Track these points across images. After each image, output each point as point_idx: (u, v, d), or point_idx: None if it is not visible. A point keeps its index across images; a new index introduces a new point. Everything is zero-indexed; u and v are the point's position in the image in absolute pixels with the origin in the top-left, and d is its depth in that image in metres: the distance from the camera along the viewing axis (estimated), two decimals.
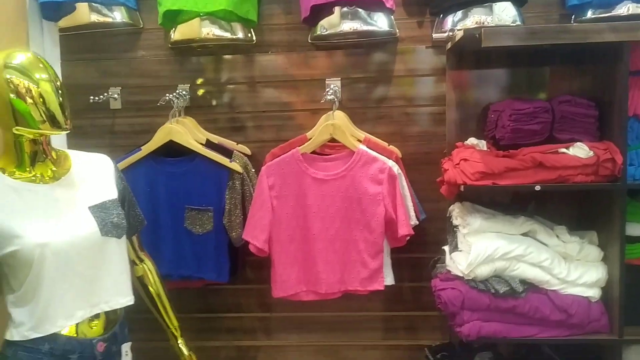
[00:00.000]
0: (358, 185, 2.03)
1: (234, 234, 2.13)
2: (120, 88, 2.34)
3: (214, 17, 2.14)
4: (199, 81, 2.32)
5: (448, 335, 2.23)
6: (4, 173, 1.50)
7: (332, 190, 2.05)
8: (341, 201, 2.05)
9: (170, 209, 2.16)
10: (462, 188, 1.85)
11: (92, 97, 2.24)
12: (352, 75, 2.25)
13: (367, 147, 2.08)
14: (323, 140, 2.06)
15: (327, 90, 2.14)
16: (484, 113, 2.12)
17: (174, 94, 2.20)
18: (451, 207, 2.06)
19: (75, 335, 1.50)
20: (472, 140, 2.04)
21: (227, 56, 2.31)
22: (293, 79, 2.28)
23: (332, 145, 2.14)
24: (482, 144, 2.01)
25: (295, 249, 2.06)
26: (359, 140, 2.11)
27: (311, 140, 2.07)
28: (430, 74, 2.24)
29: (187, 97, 2.28)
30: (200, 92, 2.33)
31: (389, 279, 2.09)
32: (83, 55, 2.34)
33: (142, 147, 2.16)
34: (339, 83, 2.23)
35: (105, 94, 2.30)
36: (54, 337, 1.46)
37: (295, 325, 2.37)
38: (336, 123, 2.05)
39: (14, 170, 1.51)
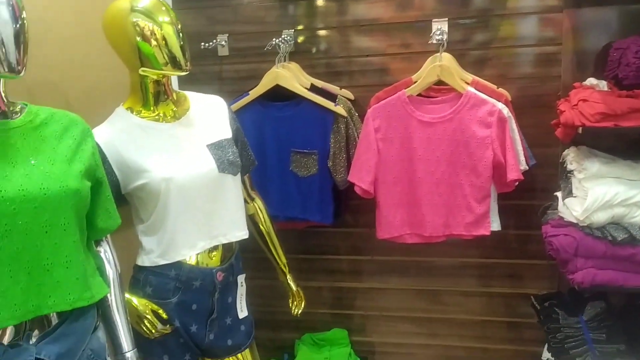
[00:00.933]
0: (465, 128, 1.98)
1: (338, 177, 2.16)
2: (227, 35, 2.40)
3: None
4: (300, 27, 2.33)
5: (556, 285, 2.17)
6: (131, 112, 1.60)
7: (438, 133, 2.01)
8: (447, 144, 2.01)
9: (276, 152, 2.23)
10: (579, 130, 1.75)
11: (202, 44, 2.31)
12: (459, 15, 2.17)
13: (476, 89, 2.01)
14: (430, 82, 2.02)
15: (434, 31, 2.07)
16: (604, 52, 1.97)
17: (280, 39, 2.23)
18: (566, 152, 1.96)
19: (197, 264, 1.61)
20: (591, 81, 1.92)
21: (331, 2, 2.29)
22: (398, 21, 2.23)
23: (438, 89, 2.09)
24: (603, 85, 1.89)
25: (401, 192, 2.06)
26: (467, 83, 2.05)
27: (417, 82, 2.04)
28: (544, 12, 2.11)
29: (292, 42, 2.30)
30: (301, 39, 2.33)
31: (495, 225, 2.05)
32: (193, 3, 2.41)
33: (250, 92, 2.22)
34: (445, 24, 2.15)
35: (214, 40, 2.37)
36: (179, 265, 1.58)
37: (396, 269, 2.39)
38: (444, 65, 2.00)
39: (140, 109, 1.61)
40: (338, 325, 2.45)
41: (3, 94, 1.15)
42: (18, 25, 1.09)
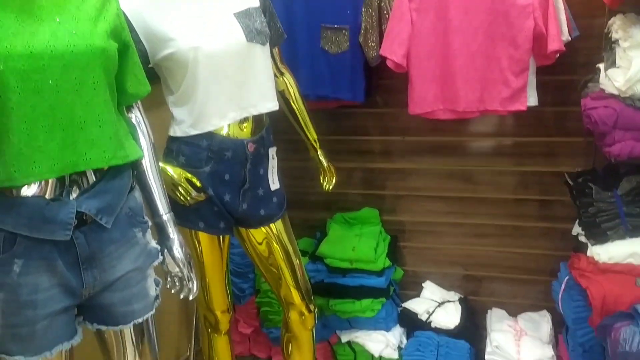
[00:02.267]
0: None
1: (370, 53, 2.10)
2: None
3: None
4: None
5: (591, 163, 2.13)
6: None
7: (475, 2, 1.90)
8: (485, 14, 1.90)
9: (306, 28, 2.16)
10: None
11: None
12: None
13: None
14: None
15: None
16: None
17: None
18: (611, 20, 1.84)
19: (228, 135, 1.63)
20: None
21: None
22: None
23: None
24: None
25: (434, 65, 1.99)
26: None
27: None
28: None
29: None
30: None
31: (532, 100, 1.99)
32: None
33: None
34: None
35: None
36: (210, 135, 1.60)
37: (428, 149, 2.38)
38: None
39: None
40: (369, 205, 2.49)
41: None
42: None
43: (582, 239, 1.97)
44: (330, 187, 2.05)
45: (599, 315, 1.83)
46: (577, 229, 2.04)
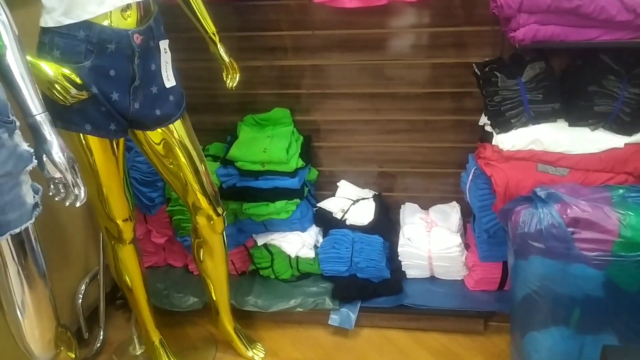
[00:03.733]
0: None
1: None
2: None
3: None
4: None
5: (499, 52, 2.11)
6: None
7: None
8: None
9: None
10: None
11: None
12: None
13: None
14: None
15: None
16: None
17: None
18: None
19: (110, 25, 1.45)
20: None
21: None
22: None
23: None
24: None
25: None
26: None
27: None
28: None
29: None
30: None
31: None
32: None
33: None
34: None
35: None
36: (88, 25, 1.42)
37: (338, 44, 2.27)
38: None
39: None
40: (280, 105, 2.40)
41: None
42: None
43: (488, 128, 1.99)
44: (234, 85, 1.94)
45: (502, 201, 1.89)
46: (483, 120, 2.06)
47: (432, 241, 2.26)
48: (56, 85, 1.41)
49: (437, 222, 2.34)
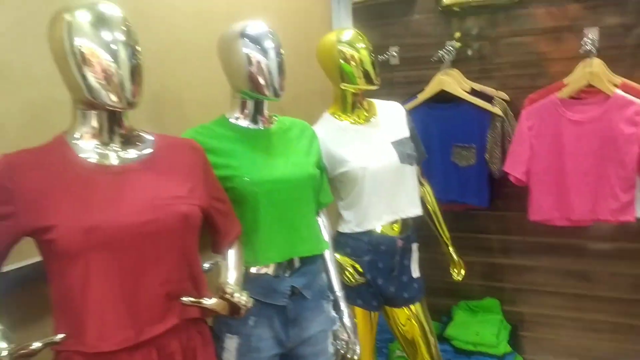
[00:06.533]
0: (614, 126, 2.24)
1: (493, 167, 2.54)
2: (398, 47, 2.87)
3: None
4: (457, 35, 2.70)
5: None
6: (335, 116, 2.13)
7: (587, 131, 2.30)
8: (595, 141, 2.29)
9: (440, 146, 2.66)
10: None
11: (379, 56, 2.80)
12: (610, 21, 2.40)
13: (624, 91, 2.26)
14: (580, 86, 2.31)
15: (585, 40, 2.34)
16: None
17: (444, 50, 2.65)
18: None
19: (382, 233, 2.10)
20: None
21: (489, 15, 2.65)
22: (549, 30, 2.52)
23: (587, 90, 2.36)
24: None
25: (551, 181, 2.38)
26: (616, 85, 2.30)
27: (568, 86, 2.34)
28: None
29: (454, 52, 2.70)
30: (462, 48, 2.71)
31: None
32: (369, 22, 2.91)
33: (418, 96, 2.67)
34: (596, 32, 2.40)
35: (387, 53, 2.85)
36: (369, 233, 2.08)
37: (546, 249, 2.70)
38: (594, 71, 2.27)
39: (340, 114, 2.13)
40: (489, 296, 2.82)
41: (266, 112, 1.72)
42: (280, 58, 1.62)
43: None
44: (461, 278, 2.44)
45: None
46: None
47: None
48: (346, 272, 2.06)
49: None
